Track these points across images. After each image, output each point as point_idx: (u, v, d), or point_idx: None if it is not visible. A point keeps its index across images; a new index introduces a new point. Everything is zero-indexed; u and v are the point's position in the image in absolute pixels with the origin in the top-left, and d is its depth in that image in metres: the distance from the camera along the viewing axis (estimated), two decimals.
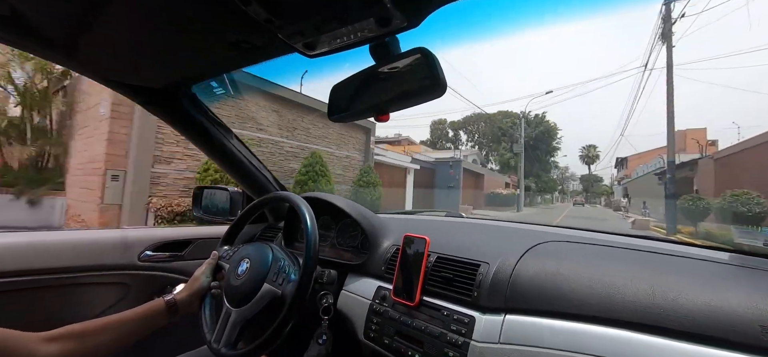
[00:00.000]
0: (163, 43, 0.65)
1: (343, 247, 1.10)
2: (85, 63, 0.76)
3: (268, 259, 0.81)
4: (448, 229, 1.10)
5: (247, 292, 0.76)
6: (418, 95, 0.53)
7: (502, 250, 0.78)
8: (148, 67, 0.76)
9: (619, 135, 44.16)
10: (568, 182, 76.05)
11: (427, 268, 0.81)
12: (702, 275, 0.62)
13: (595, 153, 62.39)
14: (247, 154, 1.15)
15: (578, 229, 1.03)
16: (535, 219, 4.69)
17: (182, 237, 1.20)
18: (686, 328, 0.52)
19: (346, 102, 0.64)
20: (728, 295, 0.54)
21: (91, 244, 1.04)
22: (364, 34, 0.51)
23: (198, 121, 1.00)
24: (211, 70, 0.79)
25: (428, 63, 0.50)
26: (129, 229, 1.12)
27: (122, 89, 0.85)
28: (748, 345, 0.48)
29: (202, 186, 1.42)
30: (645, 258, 0.73)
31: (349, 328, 0.90)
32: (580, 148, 65.08)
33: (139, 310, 0.74)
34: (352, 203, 1.09)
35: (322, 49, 0.57)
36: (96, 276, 1.02)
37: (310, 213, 0.81)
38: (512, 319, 0.66)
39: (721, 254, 0.74)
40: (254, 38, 0.59)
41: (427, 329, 0.74)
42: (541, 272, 0.69)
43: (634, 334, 0.54)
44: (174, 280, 1.10)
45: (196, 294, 0.83)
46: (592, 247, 0.83)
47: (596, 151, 62.36)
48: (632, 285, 0.60)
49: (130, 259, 1.08)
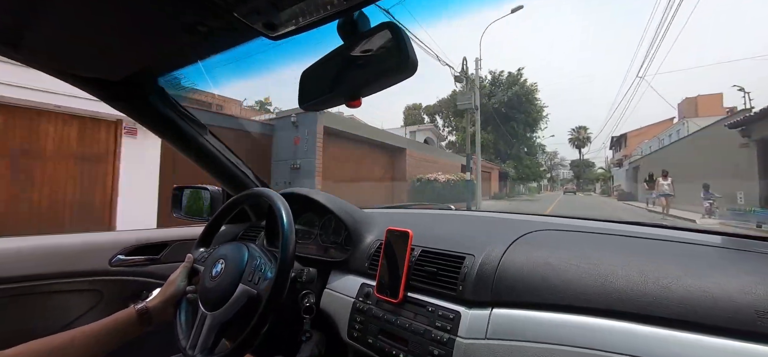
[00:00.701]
0: (113, 28, 0.60)
1: (328, 243, 1.06)
2: (33, 53, 0.70)
3: (244, 258, 0.77)
4: (435, 221, 1.07)
5: (222, 294, 0.73)
6: (388, 76, 0.49)
7: (489, 241, 0.75)
8: (103, 57, 0.71)
9: (624, 94, 38.72)
10: (557, 168, 69.83)
11: (410, 262, 0.78)
12: (695, 260, 0.60)
13: (585, 135, 57.09)
14: (224, 150, 1.10)
15: (568, 216, 1.01)
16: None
17: (158, 239, 1.14)
18: (680, 316, 0.49)
19: (317, 88, 0.61)
20: (721, 280, 0.51)
21: (58, 249, 0.98)
22: (326, 9, 0.47)
23: (168, 116, 0.95)
24: (173, 60, 0.74)
25: (397, 39, 0.46)
26: (100, 233, 1.07)
27: (78, 82, 0.80)
28: (743, 331, 0.45)
29: (181, 185, 1.37)
30: (636, 244, 0.71)
31: (333, 327, 0.86)
32: (570, 130, 59.34)
33: (108, 320, 0.70)
34: (334, 198, 1.05)
35: (285, 29, 0.53)
36: (64, 283, 0.97)
37: (286, 208, 0.77)
38: (499, 313, 0.63)
39: (714, 238, 0.72)
40: (210, 20, 0.55)
41: (412, 327, 0.70)
42: (529, 263, 0.66)
43: (626, 324, 0.52)
44: (150, 285, 1.06)
45: (170, 300, 0.79)
46: (583, 234, 0.80)
47: (587, 134, 57.12)
48: (624, 273, 0.57)
49: (102, 265, 1.02)
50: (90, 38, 0.63)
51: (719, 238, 0.72)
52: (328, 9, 0.46)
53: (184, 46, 0.67)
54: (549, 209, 14.56)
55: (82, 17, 0.57)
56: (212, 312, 0.72)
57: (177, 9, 0.53)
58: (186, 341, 0.75)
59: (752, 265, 0.58)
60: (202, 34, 0.58)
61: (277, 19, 0.49)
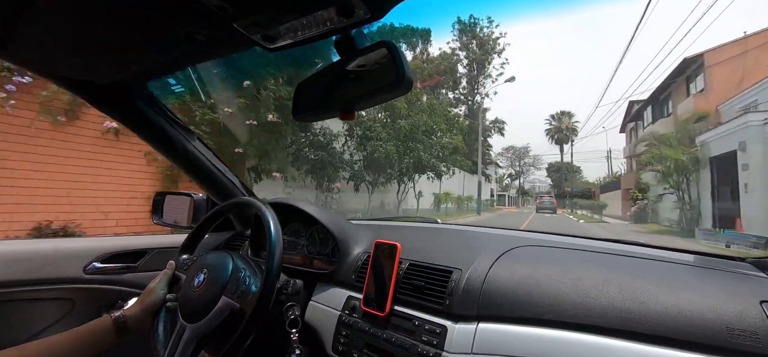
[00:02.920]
0: (108, 33, 0.60)
1: (314, 255, 1.05)
2: (21, 53, 0.69)
3: (228, 269, 0.75)
4: (423, 235, 1.08)
5: (203, 306, 0.70)
6: (383, 92, 0.50)
7: (476, 255, 0.76)
8: (94, 60, 0.69)
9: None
10: (529, 172, 46.89)
11: (398, 275, 0.78)
12: (670, 278, 0.63)
13: (570, 124, 38.70)
14: (211, 156, 1.09)
15: (552, 233, 1.03)
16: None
17: (136, 247, 1.10)
18: (656, 332, 0.52)
19: (311, 100, 0.62)
20: (695, 298, 0.54)
21: (28, 255, 0.93)
22: (325, 25, 0.48)
23: (156, 121, 0.93)
24: (165, 65, 0.73)
25: (393, 57, 0.48)
26: (74, 239, 1.02)
27: (66, 85, 0.78)
28: (715, 347, 0.48)
29: (163, 191, 1.33)
30: (616, 262, 0.74)
31: (317, 341, 0.85)
32: (546, 118, 41.38)
33: (81, 330, 0.66)
34: (321, 209, 1.05)
35: (283, 41, 0.53)
36: (34, 291, 0.91)
37: (274, 219, 0.76)
38: (485, 327, 0.64)
39: (687, 256, 0.76)
40: (209, 29, 0.55)
41: (398, 341, 0.70)
42: (515, 278, 0.68)
43: (606, 340, 0.54)
44: (126, 295, 1.01)
45: (149, 308, 0.75)
46: (566, 251, 0.83)
47: (572, 123, 38.67)
48: (604, 289, 0.60)
49: (75, 272, 0.98)
50: (84, 42, 0.63)
51: (692, 257, 0.75)
52: (328, 25, 0.48)
53: (176, 53, 0.66)
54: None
55: (74, 18, 0.56)
56: (191, 324, 0.70)
57: (176, 18, 0.53)
58: (163, 352, 0.72)
59: (723, 283, 0.61)
60: (199, 43, 0.58)
61: (277, 32, 0.50)
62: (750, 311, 0.50)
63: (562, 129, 39.08)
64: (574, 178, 41.79)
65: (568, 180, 40.90)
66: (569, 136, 39.28)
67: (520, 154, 45.46)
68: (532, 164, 46.77)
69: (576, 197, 31.01)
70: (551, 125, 40.31)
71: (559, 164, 43.07)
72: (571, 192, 34.59)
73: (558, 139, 40.10)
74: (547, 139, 40.88)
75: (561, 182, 41.88)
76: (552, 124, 40.22)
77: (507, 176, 45.95)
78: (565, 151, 41.14)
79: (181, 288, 0.78)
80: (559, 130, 39.27)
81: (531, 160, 46.28)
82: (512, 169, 46.01)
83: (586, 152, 55.44)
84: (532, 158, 46.17)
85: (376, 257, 0.81)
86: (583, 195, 31.03)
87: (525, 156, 45.75)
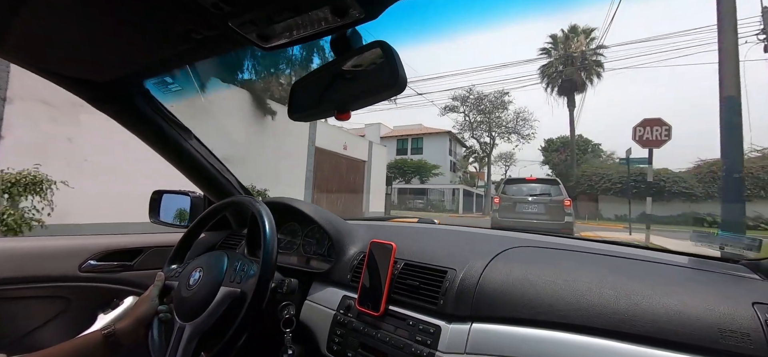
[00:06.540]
0: (105, 31, 0.60)
1: (310, 254, 1.05)
2: (18, 51, 0.68)
3: (223, 264, 0.75)
4: (419, 235, 1.08)
5: (201, 301, 0.70)
6: (378, 91, 0.50)
7: (470, 256, 0.77)
8: (91, 58, 0.69)
9: None
10: (505, 137, 22.95)
11: (393, 275, 0.78)
12: (664, 280, 0.63)
13: (587, 47, 18.38)
14: (208, 155, 1.09)
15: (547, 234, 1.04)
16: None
17: (132, 245, 1.10)
18: (649, 333, 0.52)
19: (307, 100, 0.62)
20: (688, 299, 0.54)
21: (21, 252, 0.93)
22: (320, 25, 0.48)
23: (152, 120, 0.93)
24: (162, 64, 0.73)
25: (387, 57, 0.48)
26: (70, 237, 1.02)
27: (63, 82, 0.78)
28: (707, 348, 0.48)
29: (161, 190, 1.32)
30: (609, 262, 0.74)
31: (312, 340, 0.85)
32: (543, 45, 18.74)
33: (67, 346, 0.63)
34: (318, 208, 1.05)
35: (279, 41, 0.54)
36: (27, 289, 0.91)
37: (268, 215, 0.76)
38: (479, 327, 0.64)
39: (681, 258, 0.76)
40: (204, 28, 0.55)
41: (392, 340, 0.70)
42: (509, 279, 0.68)
43: (600, 340, 0.54)
44: (121, 293, 1.01)
45: (141, 320, 0.72)
46: (559, 252, 0.83)
47: (590, 45, 18.27)
48: (598, 290, 0.60)
49: (71, 270, 0.97)
50: (82, 40, 0.63)
51: (686, 259, 0.76)
52: (323, 25, 0.48)
53: (172, 51, 0.66)
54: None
55: (71, 15, 0.56)
56: (190, 322, 0.69)
57: (172, 16, 0.53)
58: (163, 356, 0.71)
59: (715, 285, 0.62)
60: (195, 41, 0.58)
61: (272, 31, 0.51)
62: (742, 313, 0.50)
63: (572, 58, 18.35)
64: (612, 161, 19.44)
65: (586, 162, 20.12)
66: (590, 73, 18.82)
67: (478, 99, 22.84)
68: (512, 126, 22.93)
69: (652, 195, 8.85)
70: (552, 57, 20.01)
71: (566, 139, 21.44)
72: (639, 186, 13.42)
73: (563, 86, 19.42)
74: (544, 87, 19.86)
75: (572, 167, 20.10)
76: (553, 54, 20.08)
77: (471, 154, 28.21)
78: (578, 107, 19.41)
79: (175, 294, 0.76)
80: (568, 61, 18.35)
81: (510, 116, 22.86)
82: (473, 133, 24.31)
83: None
84: (512, 113, 22.87)
85: (371, 257, 0.81)
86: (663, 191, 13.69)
87: (497, 105, 22.59)
